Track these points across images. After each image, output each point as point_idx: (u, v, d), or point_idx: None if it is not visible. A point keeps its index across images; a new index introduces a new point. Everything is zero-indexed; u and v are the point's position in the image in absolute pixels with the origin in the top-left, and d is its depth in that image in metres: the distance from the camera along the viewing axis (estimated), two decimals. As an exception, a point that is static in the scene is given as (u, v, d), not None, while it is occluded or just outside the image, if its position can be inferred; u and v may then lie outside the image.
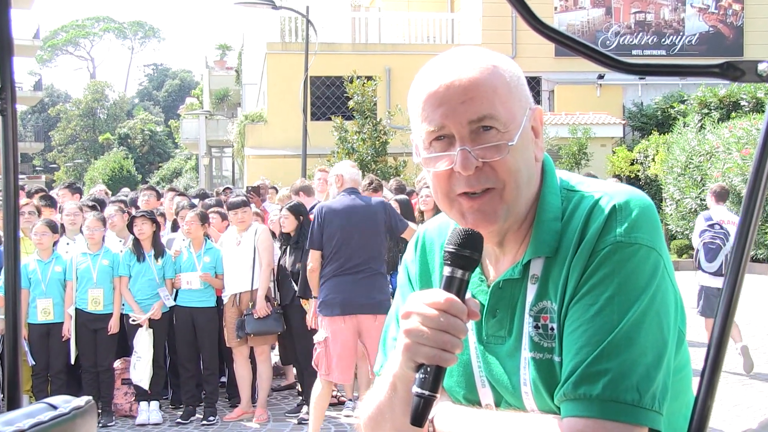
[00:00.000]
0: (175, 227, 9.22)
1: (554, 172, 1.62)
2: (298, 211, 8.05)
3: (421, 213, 9.17)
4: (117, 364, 8.30)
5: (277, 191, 12.47)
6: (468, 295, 1.49)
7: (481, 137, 1.49)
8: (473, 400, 1.63)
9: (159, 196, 11.03)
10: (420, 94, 1.54)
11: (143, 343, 8.01)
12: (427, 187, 7.81)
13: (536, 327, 1.53)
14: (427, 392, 1.39)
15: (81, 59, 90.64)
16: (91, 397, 1.30)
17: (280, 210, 8.37)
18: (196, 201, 10.25)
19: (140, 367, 8.01)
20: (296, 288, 7.86)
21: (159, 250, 8.19)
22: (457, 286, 1.44)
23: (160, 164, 59.97)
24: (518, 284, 1.57)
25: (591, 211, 1.50)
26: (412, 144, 1.63)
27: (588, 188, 1.57)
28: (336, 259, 6.86)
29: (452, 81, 1.49)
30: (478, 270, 1.62)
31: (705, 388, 1.32)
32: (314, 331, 8.08)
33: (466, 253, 1.46)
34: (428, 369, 1.40)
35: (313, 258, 6.97)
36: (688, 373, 1.59)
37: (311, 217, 8.00)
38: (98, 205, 9.49)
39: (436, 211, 7.62)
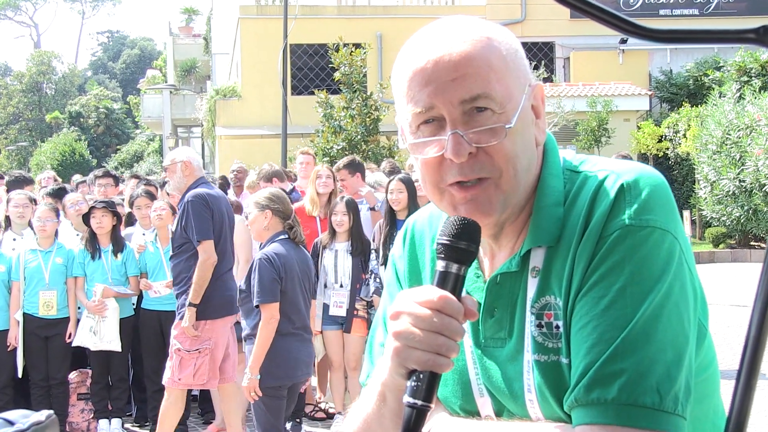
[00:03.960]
0: (130, 221, 9.19)
1: (557, 153, 1.63)
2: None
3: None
4: (72, 376, 8.31)
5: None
6: (464, 293, 1.50)
7: (475, 119, 1.49)
8: (471, 411, 1.66)
9: (117, 182, 11.00)
10: (405, 71, 1.55)
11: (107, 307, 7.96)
12: (405, 178, 7.80)
13: (539, 326, 1.54)
14: (420, 402, 1.40)
15: (22, 25, 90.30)
16: (52, 411, 1.33)
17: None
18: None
19: (107, 328, 7.90)
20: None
21: (119, 245, 8.18)
22: (452, 282, 1.45)
23: (118, 147, 59.86)
24: (517, 278, 1.58)
25: (596, 193, 1.51)
26: (397, 126, 1.62)
27: (592, 167, 1.58)
28: (223, 253, 6.95)
29: (441, 56, 1.49)
30: (474, 264, 1.63)
31: (742, 391, 1.32)
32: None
33: (462, 245, 1.46)
34: (421, 376, 1.40)
35: (210, 250, 6.82)
36: (714, 373, 1.61)
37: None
38: (58, 194, 9.45)
39: (410, 211, 7.67)
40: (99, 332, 7.90)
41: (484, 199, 1.52)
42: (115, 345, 7.95)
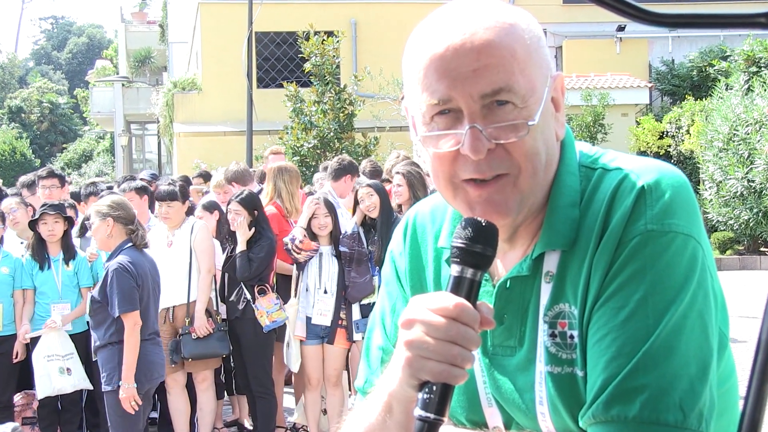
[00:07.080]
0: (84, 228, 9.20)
1: (573, 147, 1.67)
2: (252, 203, 8.03)
3: (399, 206, 9.22)
4: (17, 399, 8.26)
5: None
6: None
7: (495, 113, 1.51)
8: (479, 422, 1.70)
9: (63, 182, 10.95)
10: (421, 55, 1.55)
11: (61, 341, 7.82)
12: (399, 173, 7.89)
13: (552, 335, 1.58)
14: (432, 415, 1.43)
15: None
16: (18, 424, 1.36)
17: (228, 204, 8.32)
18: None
19: (76, 364, 7.82)
20: (248, 297, 7.86)
21: (70, 253, 8.13)
22: (467, 288, 1.48)
23: (65, 145, 59.49)
24: (529, 283, 1.62)
25: (615, 194, 1.54)
26: (407, 114, 1.65)
27: (610, 164, 1.62)
28: None
29: (462, 42, 1.50)
30: None
31: (753, 399, 1.35)
32: (267, 350, 8.11)
33: (478, 248, 1.48)
34: (434, 388, 1.44)
35: None
36: (734, 385, 1.66)
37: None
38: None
39: (413, 202, 7.73)
40: (70, 371, 7.82)
41: (500, 198, 1.55)
42: (87, 383, 7.92)
